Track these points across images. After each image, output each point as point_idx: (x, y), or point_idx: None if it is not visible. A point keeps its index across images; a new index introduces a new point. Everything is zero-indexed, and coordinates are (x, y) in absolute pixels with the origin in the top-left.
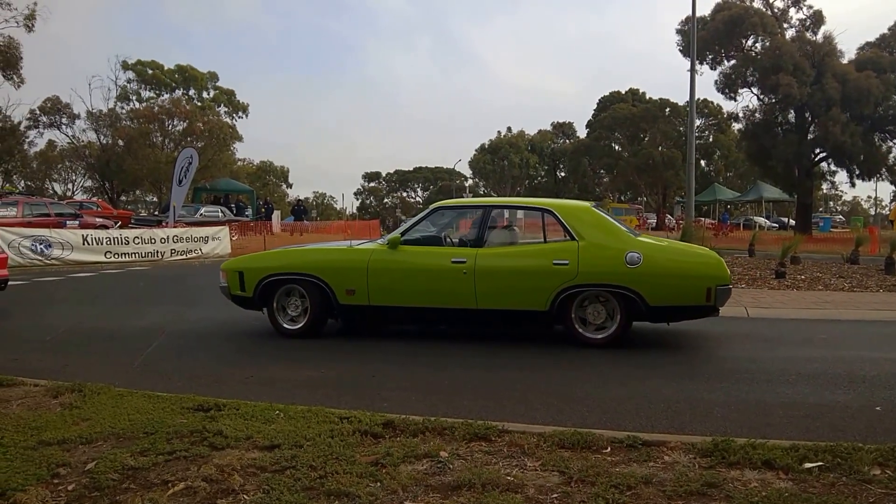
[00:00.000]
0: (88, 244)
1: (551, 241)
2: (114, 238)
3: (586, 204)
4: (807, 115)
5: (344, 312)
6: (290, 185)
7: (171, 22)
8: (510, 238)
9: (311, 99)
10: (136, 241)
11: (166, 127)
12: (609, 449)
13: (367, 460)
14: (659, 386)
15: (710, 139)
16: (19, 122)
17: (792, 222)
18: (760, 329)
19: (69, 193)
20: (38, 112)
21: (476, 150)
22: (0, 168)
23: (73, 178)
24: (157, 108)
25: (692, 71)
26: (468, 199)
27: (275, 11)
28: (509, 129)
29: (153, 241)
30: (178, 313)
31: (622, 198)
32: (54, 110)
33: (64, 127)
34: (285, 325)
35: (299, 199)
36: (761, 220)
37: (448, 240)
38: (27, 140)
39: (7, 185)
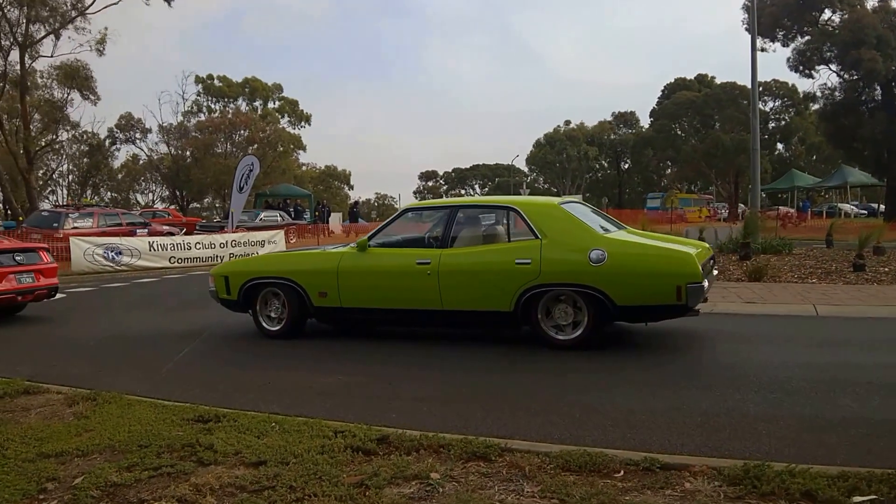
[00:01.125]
0: (154, 250)
1: (515, 240)
2: (177, 244)
3: (554, 201)
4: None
5: (319, 315)
6: (351, 188)
7: (239, 35)
8: (475, 238)
9: (372, 100)
10: (198, 246)
11: (231, 136)
12: (622, 473)
13: (352, 481)
14: (698, 398)
15: (786, 121)
16: (105, 139)
17: (882, 208)
18: (829, 330)
19: (150, 203)
20: (115, 129)
21: (533, 146)
22: (89, 181)
23: (154, 188)
24: (220, 117)
25: (753, 49)
26: (436, 201)
27: (335, 16)
28: (567, 122)
29: (213, 245)
30: (220, 317)
31: (693, 188)
32: (129, 126)
33: (138, 141)
34: (266, 327)
35: (355, 202)
36: (847, 207)
37: (415, 241)
38: (112, 155)
39: (85, 197)
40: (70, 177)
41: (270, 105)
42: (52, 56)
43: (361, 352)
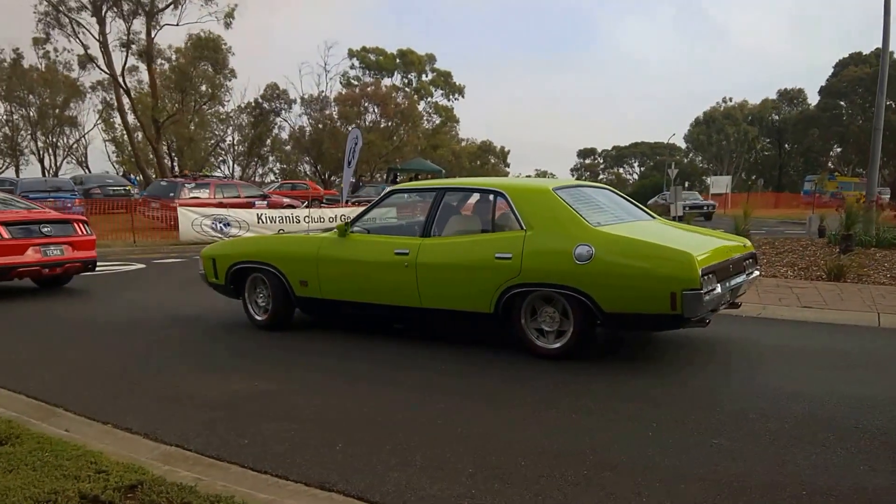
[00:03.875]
0: (263, 223)
1: (500, 230)
2: (286, 217)
3: (545, 185)
4: None
5: (301, 305)
6: (507, 164)
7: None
8: (459, 226)
9: (532, 75)
10: (307, 220)
11: (363, 110)
12: None
13: None
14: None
15: None
16: (253, 109)
17: None
18: (877, 346)
19: (304, 175)
20: (260, 100)
21: (691, 124)
22: (253, 152)
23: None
24: (357, 90)
25: (886, 13)
26: (423, 182)
27: None
28: (728, 99)
29: (322, 220)
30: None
31: (860, 171)
32: (274, 97)
33: (283, 112)
34: (254, 316)
35: None
36: None
37: (398, 229)
38: (275, 125)
39: (205, 169)
40: (239, 147)
41: (424, 78)
42: (177, 25)
43: (300, 350)
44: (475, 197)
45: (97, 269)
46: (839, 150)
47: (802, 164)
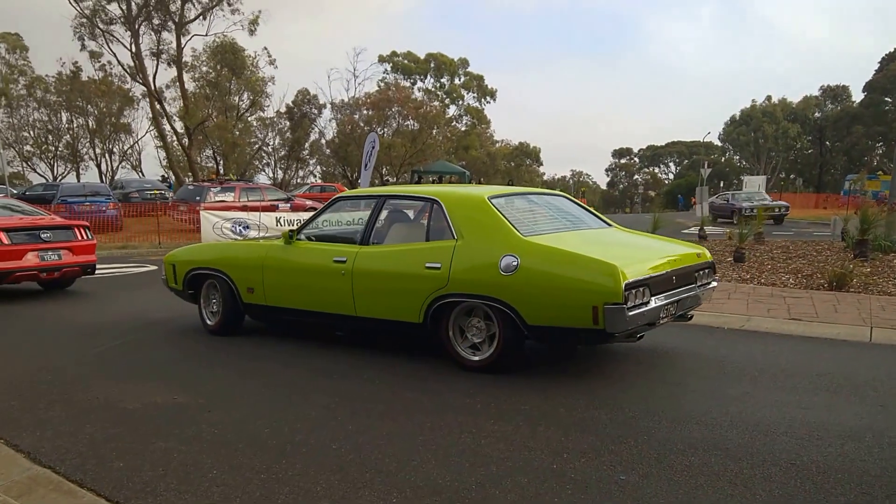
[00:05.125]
0: (281, 225)
1: (434, 239)
2: (304, 220)
3: (481, 193)
4: None
5: (249, 312)
6: (540, 164)
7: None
8: (396, 234)
9: (570, 76)
10: (325, 223)
11: (386, 115)
12: None
13: None
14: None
15: None
16: (284, 114)
17: None
18: (857, 365)
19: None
20: (292, 105)
21: (725, 123)
22: (292, 155)
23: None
24: (379, 94)
25: None
26: (368, 189)
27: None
28: (769, 97)
29: (339, 223)
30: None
31: None
32: (305, 102)
33: (315, 118)
34: (207, 321)
35: (510, 181)
36: None
37: (340, 236)
38: (312, 130)
39: (231, 173)
40: (281, 151)
41: (456, 81)
42: (205, 35)
43: (250, 356)
44: (413, 205)
45: (107, 270)
46: (882, 149)
47: (846, 162)
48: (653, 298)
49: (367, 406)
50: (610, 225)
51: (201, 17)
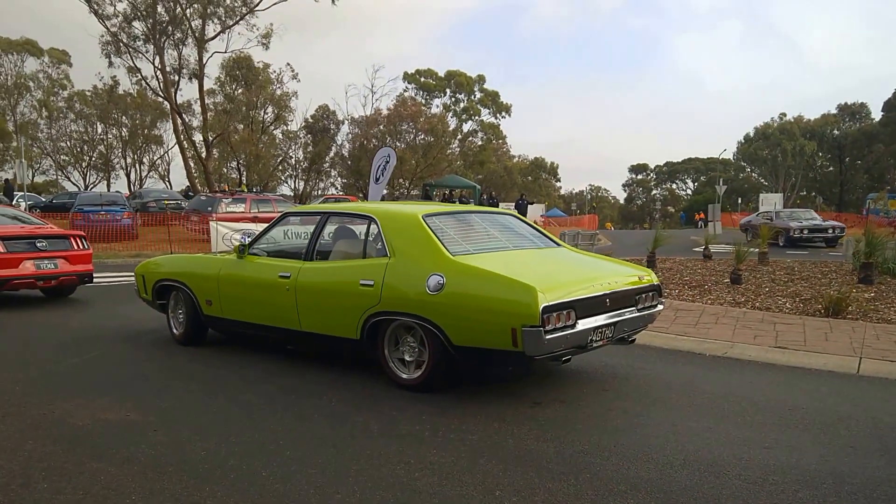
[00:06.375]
0: (288, 238)
1: (370, 257)
2: (310, 232)
3: (415, 212)
4: None
5: (210, 324)
6: (558, 179)
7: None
8: (336, 251)
9: (588, 93)
10: (329, 234)
11: (398, 129)
12: None
13: None
14: None
15: None
16: (301, 129)
17: None
18: (841, 399)
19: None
20: (310, 120)
21: (740, 140)
22: (314, 168)
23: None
24: (390, 109)
25: None
26: (312, 206)
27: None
28: (782, 115)
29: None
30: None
31: None
32: (325, 117)
33: (333, 133)
34: (173, 331)
35: (522, 195)
36: None
37: (288, 252)
38: (333, 143)
39: (243, 185)
40: (304, 164)
41: (472, 98)
42: (225, 52)
43: (227, 374)
44: (353, 222)
45: (115, 279)
46: None
47: (867, 180)
48: (580, 322)
49: (313, 429)
50: (558, 245)
51: (221, 35)
